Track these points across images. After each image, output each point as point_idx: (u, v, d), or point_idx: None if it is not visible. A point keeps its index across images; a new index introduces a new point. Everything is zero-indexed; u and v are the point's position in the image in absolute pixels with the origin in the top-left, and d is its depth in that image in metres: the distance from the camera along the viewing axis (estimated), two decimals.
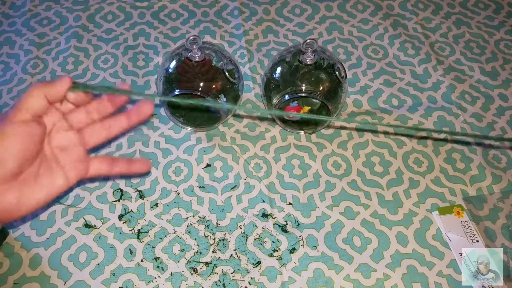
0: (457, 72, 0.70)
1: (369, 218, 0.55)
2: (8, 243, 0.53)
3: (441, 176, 0.59)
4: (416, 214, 0.55)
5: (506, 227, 0.54)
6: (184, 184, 0.58)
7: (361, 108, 0.66)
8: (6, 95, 0.66)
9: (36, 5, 0.79)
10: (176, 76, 0.57)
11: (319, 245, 0.53)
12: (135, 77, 0.69)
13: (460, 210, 0.55)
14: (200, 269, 0.51)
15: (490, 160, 0.60)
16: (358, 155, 0.60)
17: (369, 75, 0.69)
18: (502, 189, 0.57)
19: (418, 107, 0.65)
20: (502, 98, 0.67)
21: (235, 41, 0.73)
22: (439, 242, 0.53)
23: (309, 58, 0.55)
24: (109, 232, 0.53)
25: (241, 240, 0.53)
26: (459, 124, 0.64)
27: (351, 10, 0.79)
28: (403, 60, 0.72)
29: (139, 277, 0.50)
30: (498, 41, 0.75)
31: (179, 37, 0.74)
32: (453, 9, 0.79)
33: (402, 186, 0.58)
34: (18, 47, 0.73)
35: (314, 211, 0.55)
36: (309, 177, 0.58)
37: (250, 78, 0.68)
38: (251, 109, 0.33)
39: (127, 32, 0.75)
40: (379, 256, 0.52)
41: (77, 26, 0.75)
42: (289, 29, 0.76)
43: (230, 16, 0.77)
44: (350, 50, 0.73)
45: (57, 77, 0.37)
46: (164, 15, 0.77)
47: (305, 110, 0.60)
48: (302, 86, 0.56)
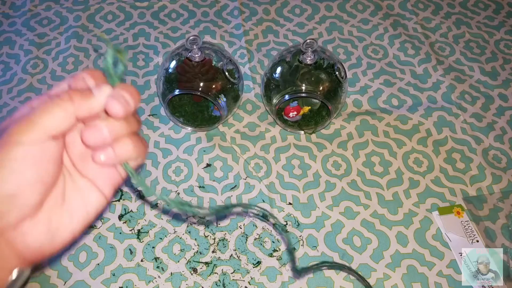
0: (457, 72, 0.70)
1: (369, 218, 0.55)
2: None
3: (441, 176, 0.59)
4: (416, 214, 0.55)
5: (506, 227, 0.54)
6: (184, 184, 0.58)
7: (361, 108, 0.66)
8: (6, 95, 0.66)
9: (36, 5, 0.79)
10: (176, 76, 0.57)
11: (319, 245, 0.53)
12: (135, 77, 0.69)
13: (460, 210, 0.55)
14: (200, 269, 0.51)
15: (490, 160, 0.60)
16: (358, 155, 0.60)
17: (369, 75, 0.69)
18: (502, 189, 0.57)
19: (418, 107, 0.65)
20: (502, 98, 0.67)
21: (235, 41, 0.73)
22: (439, 242, 0.53)
23: (309, 58, 0.55)
24: (109, 232, 0.53)
25: (241, 240, 0.53)
26: (459, 124, 0.64)
27: (351, 10, 0.79)
28: (403, 60, 0.72)
29: (139, 277, 0.50)
30: (498, 41, 0.75)
31: (179, 37, 0.74)
32: (453, 9, 0.79)
33: (402, 186, 0.58)
34: (18, 47, 0.73)
35: (314, 211, 0.55)
36: (309, 177, 0.58)
37: (250, 78, 0.68)
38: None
39: (127, 32, 0.75)
40: (379, 256, 0.52)
41: (77, 26, 0.75)
42: (289, 29, 0.76)
43: (230, 16, 0.77)
44: (350, 50, 0.73)
45: (79, 76, 0.29)
46: (164, 15, 0.77)
47: (305, 110, 0.60)
48: (302, 86, 0.56)
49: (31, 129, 0.25)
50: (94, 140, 0.28)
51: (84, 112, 0.27)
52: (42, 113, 0.26)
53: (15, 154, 0.25)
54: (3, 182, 0.25)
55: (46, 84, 0.67)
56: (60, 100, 0.26)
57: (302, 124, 0.62)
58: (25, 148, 0.25)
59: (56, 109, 0.26)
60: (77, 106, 0.26)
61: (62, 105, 0.26)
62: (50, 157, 0.27)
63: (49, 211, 0.28)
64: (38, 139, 0.26)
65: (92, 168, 0.30)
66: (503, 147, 0.61)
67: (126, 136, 0.29)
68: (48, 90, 0.61)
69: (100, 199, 0.30)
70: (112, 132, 0.28)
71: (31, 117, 0.25)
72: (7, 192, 0.25)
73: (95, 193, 0.30)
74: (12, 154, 0.25)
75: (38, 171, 0.26)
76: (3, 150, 0.25)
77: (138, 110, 0.31)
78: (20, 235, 0.27)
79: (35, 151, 0.26)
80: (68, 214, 0.29)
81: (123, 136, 0.29)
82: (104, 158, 0.28)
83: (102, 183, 0.30)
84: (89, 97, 0.27)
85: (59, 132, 0.26)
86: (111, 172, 0.30)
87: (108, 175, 0.30)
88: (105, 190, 0.31)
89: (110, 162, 0.29)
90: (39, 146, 0.26)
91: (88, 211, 0.30)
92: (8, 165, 0.25)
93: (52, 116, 0.26)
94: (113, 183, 0.31)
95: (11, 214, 0.26)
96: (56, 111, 0.26)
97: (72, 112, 0.26)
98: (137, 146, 0.29)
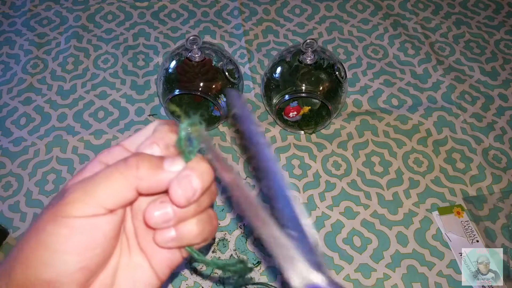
0: (457, 72, 0.70)
1: (369, 218, 0.55)
2: (8, 243, 0.52)
3: (441, 176, 0.59)
4: (416, 214, 0.55)
5: (506, 227, 0.54)
6: None
7: (361, 108, 0.66)
8: (6, 95, 0.66)
9: (36, 5, 0.79)
10: (176, 76, 0.57)
11: (319, 245, 0.53)
12: (135, 77, 0.69)
13: (460, 210, 0.55)
14: (200, 269, 0.51)
15: (490, 160, 0.60)
16: (358, 155, 0.60)
17: (369, 75, 0.69)
18: (502, 189, 0.57)
19: (418, 107, 0.65)
20: (502, 98, 0.67)
21: (235, 41, 0.73)
22: (439, 242, 0.53)
23: (309, 58, 0.55)
24: None
25: (241, 240, 0.53)
26: (459, 124, 0.64)
27: (351, 10, 0.79)
28: (403, 60, 0.72)
29: None
30: (498, 41, 0.74)
31: (179, 37, 0.74)
32: (453, 9, 0.79)
33: (402, 186, 0.58)
34: (18, 47, 0.73)
35: (314, 211, 0.55)
36: (309, 177, 0.58)
37: (250, 78, 0.68)
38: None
39: (127, 32, 0.75)
40: (379, 256, 0.52)
41: (77, 26, 0.75)
42: (289, 29, 0.76)
43: (230, 16, 0.77)
44: (350, 50, 0.73)
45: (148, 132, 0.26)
46: (164, 15, 0.77)
47: (305, 110, 0.60)
48: (302, 86, 0.56)
49: (84, 200, 0.21)
50: (155, 220, 0.24)
51: (148, 186, 0.23)
52: (101, 180, 0.22)
53: (62, 231, 0.21)
54: (43, 266, 0.21)
55: (46, 84, 0.67)
56: (125, 165, 0.22)
57: (302, 124, 0.62)
58: (74, 224, 0.21)
59: (117, 178, 0.22)
60: (142, 177, 0.23)
61: (125, 173, 0.22)
62: (100, 235, 0.22)
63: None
64: (92, 213, 0.22)
65: (152, 244, 0.25)
66: (503, 147, 0.61)
67: (193, 217, 0.25)
68: (116, 142, 0.60)
69: (153, 282, 0.26)
70: (177, 213, 0.24)
71: (88, 184, 0.22)
72: (44, 278, 0.21)
73: (149, 274, 0.26)
74: (59, 230, 0.21)
75: (82, 256, 0.22)
76: (53, 224, 0.21)
77: (214, 181, 0.26)
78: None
79: (85, 228, 0.22)
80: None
81: (190, 217, 0.25)
82: (165, 240, 0.25)
83: (158, 262, 0.26)
84: (158, 169, 0.23)
85: (115, 205, 0.23)
86: (170, 252, 0.26)
87: (167, 255, 0.26)
88: (160, 271, 0.26)
89: (171, 245, 0.25)
90: (91, 222, 0.22)
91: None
92: (52, 244, 0.21)
93: (111, 185, 0.22)
94: (171, 265, 0.26)
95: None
96: (116, 180, 0.22)
97: (134, 184, 0.22)
98: (204, 228, 0.26)
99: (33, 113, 0.64)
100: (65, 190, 0.23)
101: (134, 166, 0.22)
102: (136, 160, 0.23)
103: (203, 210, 0.26)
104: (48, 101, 0.66)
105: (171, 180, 0.23)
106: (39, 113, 0.64)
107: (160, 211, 0.24)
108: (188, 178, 0.23)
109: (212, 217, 0.27)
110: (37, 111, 0.65)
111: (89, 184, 0.22)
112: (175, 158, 0.24)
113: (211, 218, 0.27)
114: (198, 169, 0.24)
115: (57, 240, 0.21)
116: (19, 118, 0.64)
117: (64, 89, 0.67)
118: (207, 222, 0.26)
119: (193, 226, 0.25)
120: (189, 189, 0.23)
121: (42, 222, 0.22)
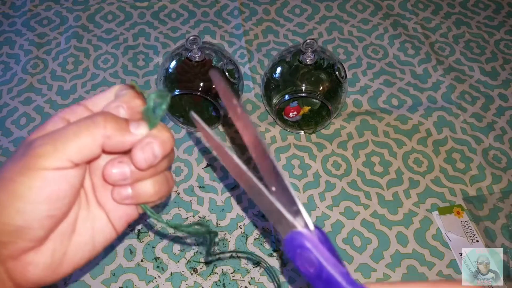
0: (457, 72, 0.70)
1: (369, 218, 0.55)
2: None
3: (441, 176, 0.59)
4: (416, 214, 0.55)
5: (506, 227, 0.54)
6: (184, 184, 0.58)
7: (361, 108, 0.66)
8: (6, 95, 0.66)
9: (36, 5, 0.79)
10: (176, 76, 0.57)
11: None
12: (135, 77, 0.69)
13: (460, 210, 0.55)
14: (200, 269, 0.51)
15: (490, 160, 0.60)
16: (358, 155, 0.60)
17: (369, 75, 0.69)
18: (502, 189, 0.57)
19: (418, 107, 0.65)
20: (502, 98, 0.67)
21: (235, 41, 0.73)
22: (439, 242, 0.53)
23: (309, 58, 0.55)
24: None
25: (241, 240, 0.53)
26: (459, 124, 0.64)
27: (351, 10, 0.79)
28: (403, 60, 0.72)
29: (139, 277, 0.50)
30: (498, 41, 0.75)
31: (179, 37, 0.74)
32: (453, 9, 0.79)
33: (402, 186, 0.58)
34: (18, 47, 0.73)
35: (314, 211, 0.55)
36: (309, 177, 0.58)
37: (250, 78, 0.68)
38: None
39: (127, 32, 0.75)
40: (379, 256, 0.52)
41: (77, 26, 0.75)
42: (289, 29, 0.76)
43: (230, 16, 0.77)
44: (350, 50, 0.73)
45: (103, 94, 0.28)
46: (164, 15, 0.77)
47: (305, 110, 0.60)
48: (302, 86, 0.56)
49: (52, 152, 0.23)
50: (113, 177, 0.26)
51: (113, 145, 0.25)
52: (70, 135, 0.23)
53: (35, 183, 0.23)
54: (16, 213, 0.23)
55: (46, 84, 0.68)
56: (93, 124, 0.24)
57: (302, 124, 0.62)
58: (46, 176, 0.23)
59: (85, 134, 0.24)
60: (108, 135, 0.24)
61: (93, 131, 0.24)
62: (68, 187, 0.24)
63: (55, 242, 0.26)
64: (62, 166, 0.23)
65: (111, 199, 0.28)
66: (503, 147, 0.61)
67: (150, 177, 0.27)
68: (90, 96, 0.61)
69: (110, 233, 0.28)
70: (134, 173, 0.26)
71: (57, 139, 0.23)
72: (16, 223, 0.24)
73: (107, 226, 0.28)
74: (32, 182, 0.23)
75: (52, 205, 0.24)
76: (26, 176, 0.23)
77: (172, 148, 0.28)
78: (20, 265, 0.25)
79: (55, 180, 0.24)
80: (74, 247, 0.27)
81: (146, 177, 0.27)
82: (121, 197, 0.27)
83: (116, 216, 0.28)
84: (124, 131, 0.25)
85: (82, 160, 0.24)
86: (128, 208, 0.28)
87: (125, 210, 0.28)
88: (117, 224, 0.28)
89: (128, 202, 0.27)
90: (61, 174, 0.24)
91: (95, 245, 0.28)
92: (25, 194, 0.23)
93: (79, 141, 0.23)
94: (128, 219, 0.29)
95: (15, 245, 0.25)
96: (84, 136, 0.24)
97: (100, 141, 0.24)
98: (160, 188, 0.28)
99: (33, 113, 0.64)
100: (29, 143, 0.24)
101: (102, 125, 0.24)
102: (104, 119, 0.24)
103: (160, 172, 0.28)
104: (48, 101, 0.66)
105: (134, 142, 0.25)
106: (39, 113, 0.64)
107: (118, 169, 0.26)
108: (151, 145, 0.25)
109: (168, 179, 0.29)
110: (37, 111, 0.65)
111: (59, 139, 0.24)
112: (139, 122, 0.26)
113: (168, 179, 0.29)
114: (161, 137, 0.26)
115: (30, 191, 0.23)
116: (19, 118, 0.64)
117: (64, 89, 0.67)
118: (163, 183, 0.28)
119: (149, 186, 0.27)
120: (151, 155, 0.25)
121: (11, 172, 0.24)
